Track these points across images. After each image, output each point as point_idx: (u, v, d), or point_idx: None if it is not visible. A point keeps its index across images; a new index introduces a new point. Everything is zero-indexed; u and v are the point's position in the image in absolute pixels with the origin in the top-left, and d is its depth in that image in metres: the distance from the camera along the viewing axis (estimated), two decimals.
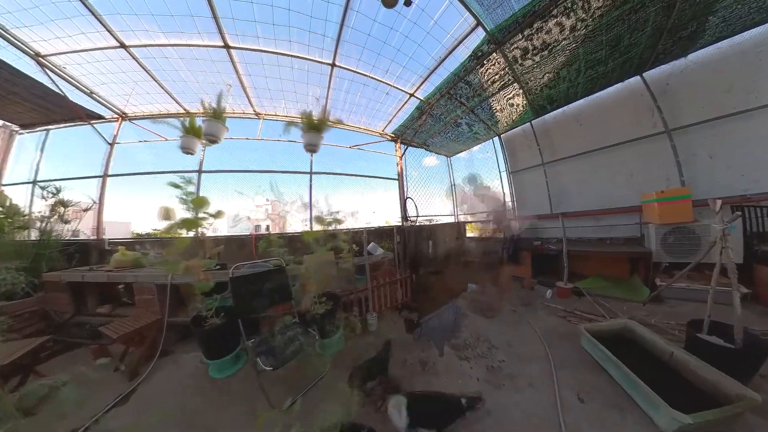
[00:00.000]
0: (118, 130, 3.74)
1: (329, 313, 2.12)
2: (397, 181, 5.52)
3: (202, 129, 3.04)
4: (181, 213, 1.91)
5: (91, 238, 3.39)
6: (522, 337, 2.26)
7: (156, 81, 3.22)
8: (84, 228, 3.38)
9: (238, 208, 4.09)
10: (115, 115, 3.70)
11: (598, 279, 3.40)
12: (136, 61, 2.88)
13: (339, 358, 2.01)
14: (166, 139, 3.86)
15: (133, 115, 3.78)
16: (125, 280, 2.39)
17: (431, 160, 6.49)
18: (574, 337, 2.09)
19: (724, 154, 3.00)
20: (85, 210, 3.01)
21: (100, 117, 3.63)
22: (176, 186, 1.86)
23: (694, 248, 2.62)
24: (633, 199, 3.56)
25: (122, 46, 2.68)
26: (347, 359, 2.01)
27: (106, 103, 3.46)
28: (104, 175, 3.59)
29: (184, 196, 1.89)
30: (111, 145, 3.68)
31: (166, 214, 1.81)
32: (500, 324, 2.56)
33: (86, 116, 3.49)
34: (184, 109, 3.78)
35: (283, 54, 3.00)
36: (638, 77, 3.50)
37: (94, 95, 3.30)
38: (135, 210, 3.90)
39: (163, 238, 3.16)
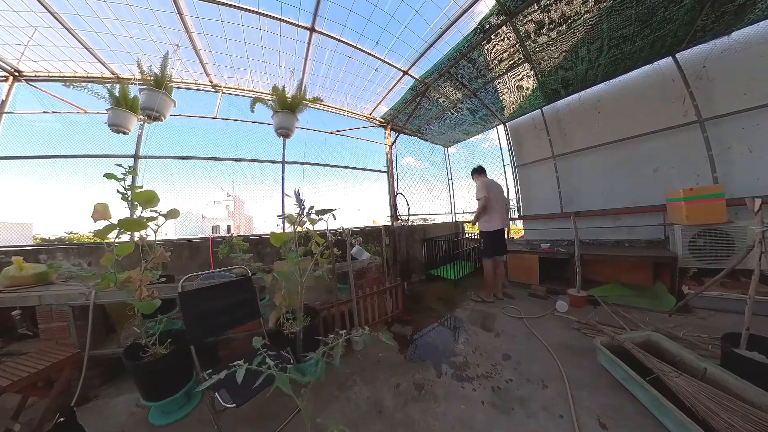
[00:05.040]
0: (9, 94, 3.24)
1: (306, 331, 2.09)
2: (386, 174, 5.48)
3: (138, 101, 2.80)
4: (121, 211, 1.77)
5: None
6: (531, 353, 2.32)
7: (69, 30, 2.83)
8: None
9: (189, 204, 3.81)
10: (3, 73, 3.21)
11: (616, 286, 3.57)
12: None
13: (319, 386, 1.97)
14: (87, 112, 3.48)
15: (32, 74, 3.31)
16: (24, 303, 2.06)
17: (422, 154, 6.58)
18: (589, 352, 2.18)
19: (766, 147, 3.11)
20: None
21: None
22: (113, 177, 1.73)
23: (727, 252, 2.80)
24: (657, 197, 3.77)
25: None
26: (329, 387, 1.99)
27: None
28: None
29: (123, 190, 1.75)
30: None
31: (103, 212, 1.64)
32: (505, 338, 2.65)
33: None
34: (113, 73, 3.42)
35: (248, 10, 2.80)
36: (669, 58, 3.61)
37: None
38: (39, 206, 3.43)
39: (84, 243, 2.85)
